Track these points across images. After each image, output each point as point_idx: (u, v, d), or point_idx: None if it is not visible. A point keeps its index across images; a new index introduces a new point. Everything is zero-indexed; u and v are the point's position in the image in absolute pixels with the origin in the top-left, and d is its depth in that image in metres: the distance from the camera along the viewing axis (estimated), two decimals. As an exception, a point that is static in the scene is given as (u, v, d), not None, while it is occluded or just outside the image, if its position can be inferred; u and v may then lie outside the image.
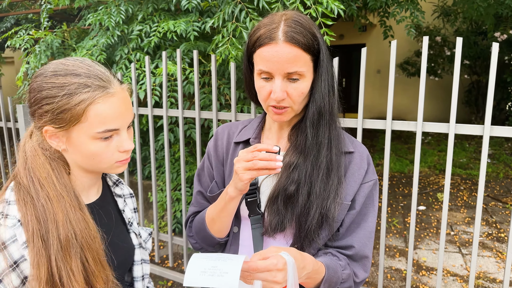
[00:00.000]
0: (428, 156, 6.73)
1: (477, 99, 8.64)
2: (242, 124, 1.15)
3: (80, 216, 0.83)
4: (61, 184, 0.84)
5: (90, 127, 0.80)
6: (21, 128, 3.06)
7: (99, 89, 0.79)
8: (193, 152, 3.20)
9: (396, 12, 4.01)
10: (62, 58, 0.86)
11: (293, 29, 0.88)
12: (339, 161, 0.97)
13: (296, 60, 0.88)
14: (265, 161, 0.83)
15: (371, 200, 1.00)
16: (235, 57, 2.24)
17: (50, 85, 0.79)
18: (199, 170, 1.17)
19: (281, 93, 0.90)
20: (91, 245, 0.83)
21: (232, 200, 0.95)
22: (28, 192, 0.82)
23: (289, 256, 0.77)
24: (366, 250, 0.98)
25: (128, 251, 1.02)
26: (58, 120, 0.80)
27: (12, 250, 0.78)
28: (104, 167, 0.87)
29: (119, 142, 0.84)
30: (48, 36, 3.26)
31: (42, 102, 0.80)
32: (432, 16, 7.60)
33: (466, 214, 4.35)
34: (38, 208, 0.80)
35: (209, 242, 1.07)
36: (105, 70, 0.85)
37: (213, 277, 0.71)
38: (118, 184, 1.05)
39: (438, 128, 1.67)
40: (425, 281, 3.05)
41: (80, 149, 0.83)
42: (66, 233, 0.80)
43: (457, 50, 1.57)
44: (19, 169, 0.86)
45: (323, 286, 0.88)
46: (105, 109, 0.79)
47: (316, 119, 0.95)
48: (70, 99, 0.78)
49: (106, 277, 0.86)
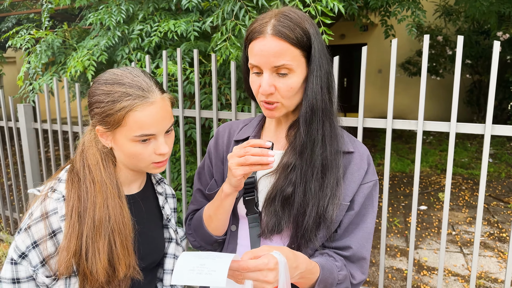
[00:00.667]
0: (430, 156, 6.71)
1: (479, 98, 8.63)
2: (243, 123, 1.15)
3: (118, 203, 0.94)
4: (106, 172, 0.95)
5: (129, 131, 0.89)
6: (22, 127, 3.06)
7: (138, 98, 0.88)
8: (194, 152, 3.20)
9: (397, 11, 4.00)
10: (119, 67, 0.96)
11: (281, 23, 0.88)
12: (337, 160, 0.95)
13: (283, 54, 0.87)
14: (257, 157, 0.83)
15: (370, 201, 0.99)
16: (235, 57, 2.24)
17: (100, 91, 0.90)
18: (199, 169, 1.17)
19: (268, 87, 0.89)
20: (122, 231, 0.93)
21: (227, 197, 0.94)
22: (77, 174, 0.94)
23: (281, 256, 0.76)
24: (363, 252, 0.97)
25: (159, 244, 1.09)
26: (104, 122, 0.90)
27: (52, 221, 0.89)
28: (142, 166, 0.96)
29: (156, 145, 0.93)
30: (49, 36, 3.26)
31: (93, 106, 0.91)
32: (434, 16, 7.59)
33: (468, 214, 4.33)
34: (82, 188, 0.92)
35: (207, 240, 1.06)
36: (149, 79, 0.93)
37: (201, 275, 0.71)
38: (160, 183, 1.16)
39: (439, 127, 1.67)
40: (426, 281, 3.04)
41: (122, 148, 0.93)
42: (101, 215, 0.90)
43: (458, 49, 1.56)
44: (76, 155, 0.98)
45: (317, 286, 0.87)
46: (142, 116, 0.88)
47: (309, 116, 0.93)
48: (114, 105, 0.88)
49: (129, 263, 0.94)
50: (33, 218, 0.89)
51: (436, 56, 8.36)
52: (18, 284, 0.89)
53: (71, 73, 2.85)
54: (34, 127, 3.08)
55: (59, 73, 3.32)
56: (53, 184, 0.94)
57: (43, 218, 0.89)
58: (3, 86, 13.60)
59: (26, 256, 0.88)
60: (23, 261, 0.88)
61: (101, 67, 3.48)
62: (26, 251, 0.88)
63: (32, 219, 0.89)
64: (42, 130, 3.01)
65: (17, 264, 0.89)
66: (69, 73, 2.89)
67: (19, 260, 0.89)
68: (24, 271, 0.89)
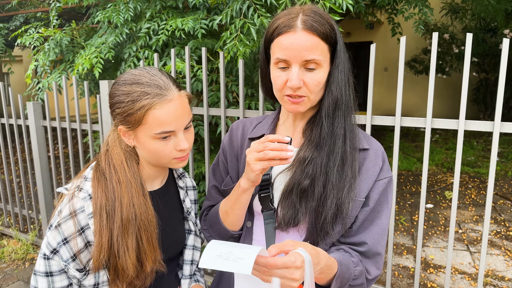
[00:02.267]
0: (436, 154, 6.69)
1: (485, 97, 8.57)
2: (256, 120, 1.16)
3: (143, 201, 0.97)
4: (131, 172, 0.98)
5: (149, 129, 0.92)
6: (31, 125, 3.09)
7: (156, 96, 0.91)
8: (201, 150, 3.21)
9: (404, 9, 3.99)
10: (137, 68, 0.99)
11: (312, 18, 0.89)
12: (353, 155, 0.97)
13: (314, 48, 0.89)
14: (276, 151, 0.83)
15: (385, 198, 0.99)
16: (243, 54, 2.25)
17: (119, 92, 0.93)
18: (214, 165, 1.19)
19: (298, 81, 0.90)
20: (147, 228, 0.97)
21: (244, 192, 0.95)
22: (103, 173, 0.98)
23: (306, 253, 0.77)
24: (378, 247, 0.97)
25: (180, 236, 1.14)
26: (126, 121, 0.93)
27: (80, 218, 0.93)
28: (164, 162, 0.99)
29: (176, 142, 0.95)
30: (57, 34, 3.29)
31: (114, 106, 0.94)
32: (440, 14, 7.55)
33: (474, 212, 4.32)
34: (109, 188, 0.95)
35: (223, 235, 1.08)
36: (166, 78, 0.95)
37: (228, 261, 0.72)
38: (181, 178, 1.19)
39: (447, 124, 1.67)
40: (433, 279, 3.04)
41: (144, 146, 0.96)
42: (128, 213, 0.94)
43: (467, 47, 1.56)
44: (101, 154, 1.02)
45: (335, 282, 0.88)
46: (161, 114, 0.91)
47: (332, 110, 0.95)
48: (134, 105, 0.91)
49: (155, 257, 0.99)
50: (62, 216, 0.93)
51: (442, 54, 8.32)
52: (51, 277, 0.94)
53: (79, 70, 2.88)
54: (43, 124, 3.11)
55: (67, 71, 3.35)
56: (80, 183, 0.98)
57: (72, 216, 0.93)
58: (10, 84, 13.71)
59: (58, 252, 0.93)
60: (54, 256, 0.93)
61: (109, 65, 3.50)
62: (57, 247, 0.93)
63: (61, 217, 0.93)
64: (51, 127, 3.04)
65: (49, 259, 0.94)
66: (76, 70, 2.91)
67: (51, 256, 0.93)
68: (56, 265, 0.94)
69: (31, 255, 3.33)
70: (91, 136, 2.82)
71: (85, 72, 2.93)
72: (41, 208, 3.26)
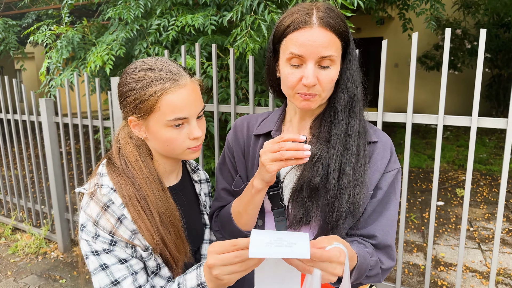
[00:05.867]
0: (447, 151, 6.62)
1: (498, 93, 8.44)
2: (261, 117, 1.14)
3: (164, 196, 0.96)
4: (147, 168, 0.96)
5: (163, 116, 0.89)
6: (43, 121, 3.13)
7: (169, 81, 0.89)
8: (210, 146, 3.22)
9: (416, 4, 3.94)
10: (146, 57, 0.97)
11: (328, 15, 0.89)
12: (365, 151, 0.97)
13: (330, 45, 0.88)
14: (293, 151, 0.82)
15: (392, 189, 0.99)
16: (252, 50, 2.24)
17: (130, 79, 0.91)
18: (220, 165, 1.17)
19: (313, 79, 0.89)
20: (173, 222, 0.96)
21: (258, 193, 0.94)
22: (118, 169, 0.95)
23: (344, 247, 0.75)
24: (388, 239, 0.97)
25: (199, 230, 1.13)
26: (137, 110, 0.91)
27: (114, 209, 0.90)
28: (177, 152, 0.97)
29: (189, 129, 0.93)
30: (69, 32, 3.32)
31: (125, 95, 0.92)
32: (452, 9, 7.44)
33: (486, 210, 4.27)
34: (132, 182, 0.93)
35: (236, 235, 1.07)
36: (177, 65, 0.94)
37: (281, 247, 0.67)
38: (195, 171, 1.17)
39: (460, 121, 1.65)
40: (444, 277, 3.01)
41: (156, 136, 0.93)
42: (157, 208, 0.93)
43: (480, 42, 1.54)
44: (112, 153, 0.99)
45: (354, 273, 0.87)
46: (175, 99, 0.88)
47: (348, 107, 0.95)
48: (146, 90, 0.88)
49: (185, 249, 0.98)
50: (95, 215, 0.90)
51: (454, 50, 8.21)
52: (126, 262, 0.91)
53: (91, 68, 2.90)
54: (55, 121, 3.15)
55: (79, 68, 3.38)
56: (97, 180, 0.95)
57: (104, 211, 0.90)
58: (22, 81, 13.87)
59: (116, 242, 0.91)
60: (115, 247, 0.91)
61: (120, 62, 3.53)
62: (113, 238, 0.90)
63: (94, 216, 0.90)
64: (63, 124, 3.08)
65: (112, 251, 0.91)
66: (89, 68, 2.94)
67: (112, 247, 0.91)
68: (122, 252, 0.91)
69: (43, 249, 3.38)
70: (102, 132, 2.85)
71: (97, 69, 2.96)
72: (53, 203, 3.31)
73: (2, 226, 3.83)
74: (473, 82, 8.66)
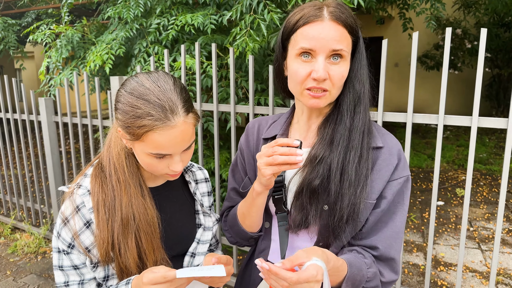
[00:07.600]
0: (447, 151, 6.62)
1: (498, 93, 8.44)
2: (271, 119, 1.13)
3: (141, 202, 0.97)
4: (130, 172, 0.98)
5: (145, 147, 0.89)
6: (43, 120, 3.13)
7: (159, 120, 0.86)
8: (210, 146, 3.22)
9: (416, 3, 3.94)
10: (149, 72, 0.94)
11: (339, 10, 0.88)
12: (368, 153, 0.93)
13: (341, 39, 0.87)
14: (285, 156, 0.81)
15: (401, 198, 0.94)
16: (252, 49, 2.24)
17: (124, 100, 0.90)
18: (233, 166, 1.17)
19: (324, 72, 0.86)
20: (146, 229, 0.97)
21: (259, 196, 0.94)
22: (102, 170, 0.98)
23: (322, 262, 0.75)
24: (392, 252, 0.92)
25: (189, 231, 1.12)
26: (125, 129, 0.91)
27: (84, 212, 0.94)
28: (156, 175, 0.98)
29: (171, 163, 0.93)
30: (69, 31, 3.31)
31: (118, 111, 0.92)
32: (453, 8, 7.43)
33: (486, 210, 4.27)
34: (109, 186, 0.96)
35: (243, 236, 1.07)
36: (178, 98, 0.89)
37: (202, 271, 0.83)
38: (187, 172, 1.16)
39: (460, 121, 1.64)
40: (443, 277, 3.01)
41: (138, 156, 0.94)
42: (127, 213, 0.95)
43: (481, 42, 1.53)
44: (103, 151, 1.02)
45: (345, 284, 0.85)
46: (160, 139, 0.87)
47: (353, 106, 0.93)
48: (135, 121, 0.87)
49: (156, 259, 0.99)
50: (67, 214, 0.95)
51: (454, 50, 8.20)
52: (77, 269, 0.97)
53: (91, 67, 2.90)
54: (54, 120, 3.14)
55: (79, 67, 3.38)
56: (80, 180, 0.99)
57: (75, 212, 0.95)
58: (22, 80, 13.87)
59: (74, 246, 0.95)
60: (73, 250, 0.95)
61: (119, 61, 3.52)
62: (72, 241, 0.94)
63: (66, 215, 0.95)
64: (62, 123, 3.07)
65: (69, 253, 0.95)
66: (88, 67, 2.93)
67: (69, 250, 0.95)
68: (77, 259, 0.96)
69: (43, 249, 3.38)
70: (101, 132, 2.85)
71: (97, 68, 2.96)
72: (53, 203, 3.31)
73: (2, 225, 3.83)
74: (473, 82, 8.67)
